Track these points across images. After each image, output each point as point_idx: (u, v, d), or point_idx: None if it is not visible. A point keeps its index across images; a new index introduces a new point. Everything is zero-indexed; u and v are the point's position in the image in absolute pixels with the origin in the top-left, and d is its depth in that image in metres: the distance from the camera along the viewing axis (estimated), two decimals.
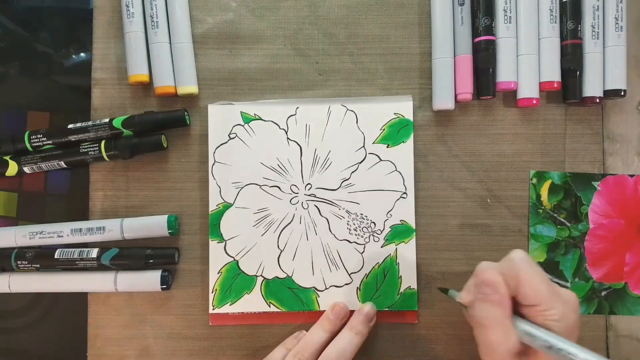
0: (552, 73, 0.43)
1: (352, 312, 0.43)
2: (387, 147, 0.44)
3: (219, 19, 0.45)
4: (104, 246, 0.43)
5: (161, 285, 0.42)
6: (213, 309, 0.43)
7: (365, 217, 0.43)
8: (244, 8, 0.45)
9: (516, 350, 0.33)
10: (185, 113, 0.43)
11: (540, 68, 0.43)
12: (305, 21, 0.45)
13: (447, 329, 0.44)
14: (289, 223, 0.43)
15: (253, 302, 0.43)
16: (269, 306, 0.43)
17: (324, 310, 0.43)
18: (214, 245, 0.43)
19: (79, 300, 0.44)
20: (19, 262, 0.43)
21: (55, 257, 0.42)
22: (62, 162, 0.43)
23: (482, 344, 0.35)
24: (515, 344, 0.33)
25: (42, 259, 0.43)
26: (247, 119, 0.44)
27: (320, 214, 0.43)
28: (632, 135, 0.44)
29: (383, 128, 0.44)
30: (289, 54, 0.45)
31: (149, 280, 0.42)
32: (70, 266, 0.42)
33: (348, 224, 0.43)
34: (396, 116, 0.44)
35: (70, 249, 0.43)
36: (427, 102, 0.44)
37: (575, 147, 0.44)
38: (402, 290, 0.43)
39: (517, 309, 0.35)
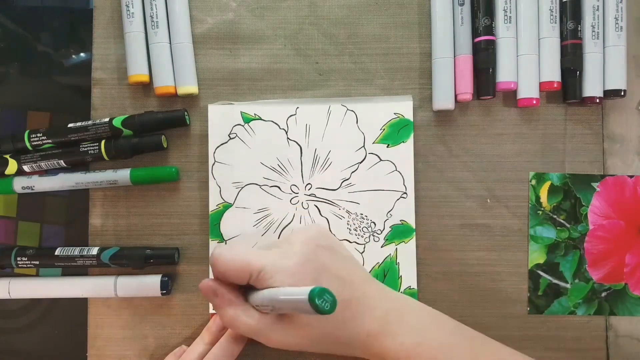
0: (552, 73, 0.43)
1: None
2: (387, 147, 0.44)
3: (219, 19, 0.45)
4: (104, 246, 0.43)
5: (161, 290, 0.42)
6: (213, 309, 0.43)
7: (365, 217, 0.43)
8: (244, 8, 0.45)
9: (270, 320, 0.36)
10: (185, 113, 0.43)
11: (540, 68, 0.43)
12: (305, 21, 0.45)
13: None
14: (289, 223, 0.43)
15: None
16: None
17: None
18: (214, 245, 0.43)
19: (79, 300, 0.44)
20: (19, 260, 0.43)
21: (56, 254, 0.42)
22: (62, 161, 0.43)
23: (253, 335, 0.37)
24: (260, 317, 0.36)
25: (42, 256, 0.43)
26: (247, 119, 0.44)
27: (320, 214, 0.43)
28: (632, 135, 0.44)
29: (383, 128, 0.44)
30: (289, 54, 0.45)
31: (149, 285, 0.42)
32: (70, 264, 0.42)
33: (348, 224, 0.43)
34: (396, 116, 0.44)
35: (71, 247, 0.43)
36: (427, 102, 0.44)
37: (575, 147, 0.44)
38: (402, 290, 0.43)
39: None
